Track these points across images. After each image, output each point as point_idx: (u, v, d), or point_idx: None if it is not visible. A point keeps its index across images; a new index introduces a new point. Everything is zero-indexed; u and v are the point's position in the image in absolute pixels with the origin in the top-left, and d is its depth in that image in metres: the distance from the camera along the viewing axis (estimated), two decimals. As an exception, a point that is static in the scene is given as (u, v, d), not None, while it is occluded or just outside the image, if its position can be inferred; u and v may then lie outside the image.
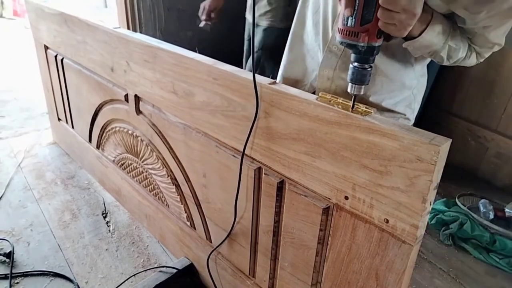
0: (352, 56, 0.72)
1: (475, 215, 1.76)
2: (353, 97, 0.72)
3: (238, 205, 1.03)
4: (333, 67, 0.98)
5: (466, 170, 2.33)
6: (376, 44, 0.70)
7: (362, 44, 0.69)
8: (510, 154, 2.15)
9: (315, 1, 1.02)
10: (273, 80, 0.84)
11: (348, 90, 0.73)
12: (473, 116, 2.27)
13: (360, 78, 0.71)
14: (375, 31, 0.69)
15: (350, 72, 0.72)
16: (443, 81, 2.32)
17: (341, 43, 0.72)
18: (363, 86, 0.72)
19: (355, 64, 0.71)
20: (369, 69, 0.71)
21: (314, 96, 0.77)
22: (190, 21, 2.71)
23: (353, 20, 0.68)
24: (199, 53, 1.04)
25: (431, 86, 2.29)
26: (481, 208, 1.88)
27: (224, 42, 2.72)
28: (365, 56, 0.70)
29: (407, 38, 0.81)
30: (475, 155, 2.29)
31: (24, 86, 3.16)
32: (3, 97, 2.93)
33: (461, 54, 0.86)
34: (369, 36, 0.69)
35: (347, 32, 0.70)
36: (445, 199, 1.93)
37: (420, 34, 0.79)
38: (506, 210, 1.88)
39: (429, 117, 2.41)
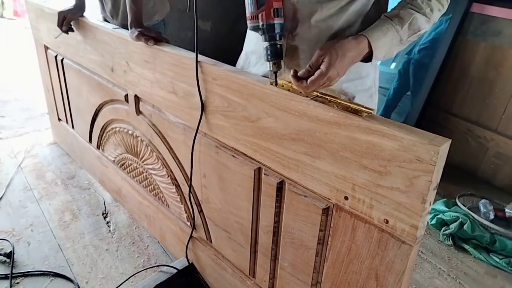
0: (262, 38, 0.84)
1: (475, 215, 1.76)
2: (274, 74, 0.83)
3: (238, 205, 1.03)
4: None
5: (466, 170, 2.33)
6: (275, 22, 0.82)
7: (262, 23, 0.82)
8: (510, 154, 2.14)
9: None
10: (272, 80, 0.85)
11: (269, 69, 0.85)
12: (473, 116, 2.27)
13: (275, 53, 0.83)
14: (270, 11, 0.81)
15: (264, 53, 0.84)
16: (443, 81, 2.32)
17: (250, 28, 0.84)
18: (281, 61, 0.85)
19: (266, 44, 0.83)
20: (278, 43, 0.83)
21: (314, 96, 0.77)
22: (191, 21, 2.71)
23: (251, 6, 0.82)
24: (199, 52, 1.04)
25: (431, 86, 2.29)
26: (481, 208, 1.88)
27: (224, 42, 2.73)
28: (270, 34, 0.82)
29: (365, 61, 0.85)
30: (475, 155, 2.29)
31: (24, 86, 3.16)
32: (3, 97, 2.93)
33: (424, 17, 0.84)
34: (266, 16, 0.81)
35: (250, 17, 0.83)
36: (445, 199, 1.93)
37: (371, 57, 0.83)
38: (506, 210, 1.88)
39: (429, 117, 2.41)
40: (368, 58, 0.84)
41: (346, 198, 0.75)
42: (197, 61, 0.97)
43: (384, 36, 0.82)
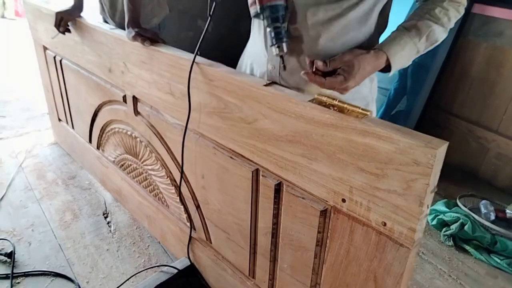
0: (264, 23, 0.83)
1: (476, 216, 1.75)
2: (280, 58, 0.85)
3: (237, 206, 1.03)
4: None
5: (467, 171, 2.32)
6: (274, 3, 0.80)
7: (259, 7, 0.81)
8: (511, 155, 2.13)
9: None
10: (268, 82, 0.84)
11: (274, 54, 0.84)
12: (474, 117, 2.26)
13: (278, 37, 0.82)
14: None
15: (268, 38, 0.84)
16: (444, 82, 2.31)
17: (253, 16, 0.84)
18: (284, 44, 0.82)
19: (269, 28, 0.82)
20: (282, 26, 0.82)
21: (310, 98, 0.77)
22: (191, 22, 2.70)
23: None
24: (199, 54, 1.03)
25: (432, 86, 2.28)
26: (482, 209, 1.87)
27: (224, 42, 2.72)
28: (272, 16, 0.81)
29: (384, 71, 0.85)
30: (476, 156, 2.28)
31: (25, 86, 3.17)
32: (4, 97, 2.93)
33: (441, 28, 0.84)
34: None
35: (251, 4, 0.83)
36: (445, 200, 1.92)
37: (389, 69, 0.83)
38: (507, 211, 1.87)
39: (430, 118, 2.40)
40: (385, 69, 0.84)
41: (343, 200, 0.75)
42: (193, 63, 0.97)
43: (402, 50, 0.82)
